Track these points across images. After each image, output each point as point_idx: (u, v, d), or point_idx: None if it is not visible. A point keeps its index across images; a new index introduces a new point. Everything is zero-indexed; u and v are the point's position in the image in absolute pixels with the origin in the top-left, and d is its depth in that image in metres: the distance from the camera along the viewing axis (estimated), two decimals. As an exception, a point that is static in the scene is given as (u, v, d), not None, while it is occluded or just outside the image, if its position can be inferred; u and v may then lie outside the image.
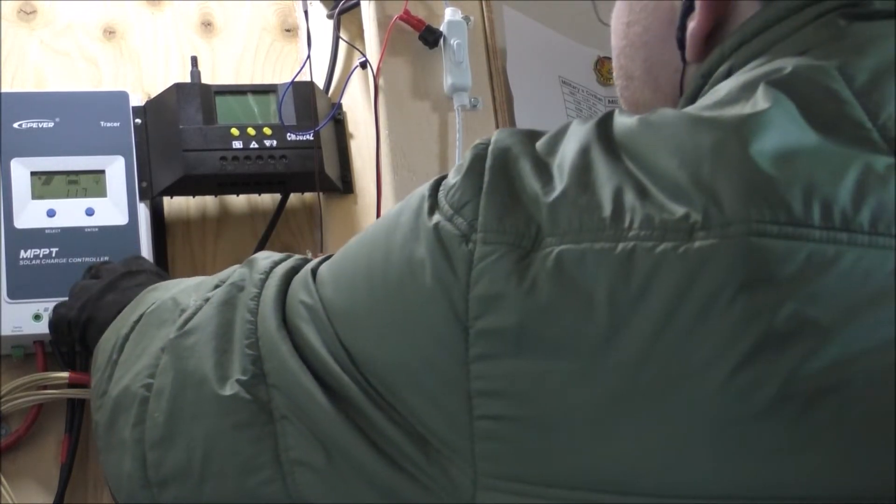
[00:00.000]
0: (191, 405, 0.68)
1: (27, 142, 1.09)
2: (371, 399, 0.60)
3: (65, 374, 1.04)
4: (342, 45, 1.20)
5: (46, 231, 1.07)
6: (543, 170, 0.57)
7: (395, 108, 1.10)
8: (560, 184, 0.55)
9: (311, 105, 1.16)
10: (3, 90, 1.14)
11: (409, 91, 1.11)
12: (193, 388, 0.68)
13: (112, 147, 1.11)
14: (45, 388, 1.04)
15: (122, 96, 1.14)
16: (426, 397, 0.58)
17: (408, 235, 0.59)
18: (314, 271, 0.67)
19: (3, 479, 1.02)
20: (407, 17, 1.10)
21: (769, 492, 0.52)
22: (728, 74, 0.63)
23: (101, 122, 1.12)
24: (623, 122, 0.58)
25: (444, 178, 0.61)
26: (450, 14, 1.12)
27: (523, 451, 0.55)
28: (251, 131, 1.13)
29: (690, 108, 0.59)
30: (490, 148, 0.58)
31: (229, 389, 0.66)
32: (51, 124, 1.11)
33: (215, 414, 0.66)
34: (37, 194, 1.08)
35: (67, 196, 1.09)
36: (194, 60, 1.21)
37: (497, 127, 1.13)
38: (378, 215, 1.08)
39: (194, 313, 0.72)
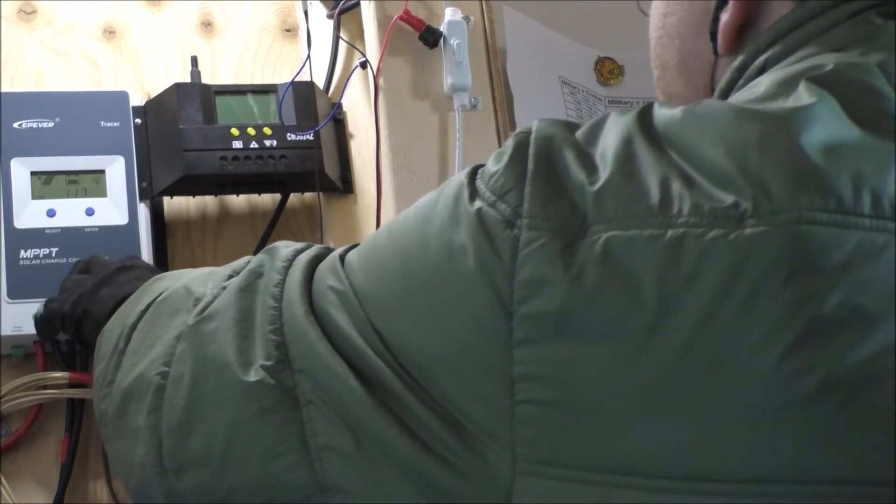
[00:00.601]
0: (212, 391, 0.68)
1: (27, 142, 1.09)
2: (405, 383, 0.60)
3: (65, 374, 1.04)
4: (342, 45, 1.20)
5: (46, 231, 1.07)
6: (586, 159, 0.57)
7: (395, 108, 1.10)
8: (605, 173, 0.56)
9: (311, 105, 1.16)
10: (3, 90, 1.14)
11: (409, 91, 1.11)
12: (215, 374, 0.67)
13: (112, 147, 1.11)
14: (45, 388, 1.04)
15: (122, 96, 1.14)
16: (465, 382, 0.58)
17: (446, 222, 0.59)
18: (342, 258, 0.67)
19: (3, 479, 1.02)
20: (407, 17, 1.10)
21: (811, 476, 0.53)
22: (762, 70, 0.65)
23: (101, 122, 1.12)
24: (665, 113, 0.59)
25: (479, 166, 0.61)
26: (450, 14, 1.12)
27: (565, 435, 0.55)
28: (251, 131, 1.13)
29: (733, 101, 0.60)
30: (532, 136, 0.59)
31: (253, 375, 0.65)
32: (51, 124, 1.11)
33: (238, 400, 0.66)
34: (37, 194, 1.08)
35: (67, 196, 1.09)
36: (194, 60, 1.21)
37: (497, 127, 1.13)
38: (378, 215, 1.08)
39: (212, 300, 0.71)
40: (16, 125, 1.10)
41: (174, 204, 1.18)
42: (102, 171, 1.10)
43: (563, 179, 0.57)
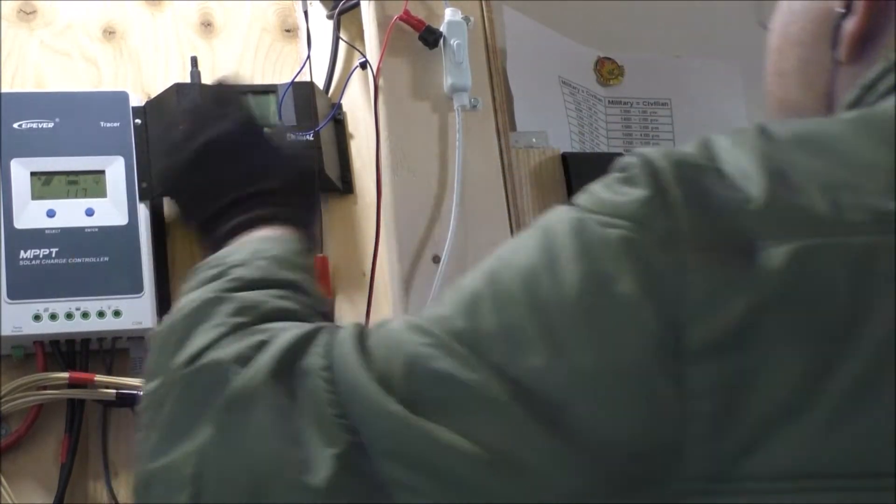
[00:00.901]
0: (274, 500, 0.61)
1: (27, 142, 1.09)
2: (532, 414, 0.58)
3: (65, 375, 1.04)
4: (342, 46, 1.20)
5: (46, 231, 1.07)
6: (727, 180, 0.58)
7: (395, 108, 1.10)
8: (758, 190, 0.57)
9: (311, 105, 1.16)
10: (3, 90, 1.14)
11: (409, 91, 1.11)
12: (272, 481, 0.62)
13: (112, 147, 1.11)
14: (45, 388, 1.04)
15: (122, 96, 1.15)
16: (616, 407, 0.57)
17: (578, 253, 0.59)
18: (413, 319, 0.63)
19: (3, 479, 1.02)
20: (407, 18, 1.10)
21: None
22: (893, 87, 0.66)
23: (101, 123, 1.12)
24: (808, 123, 0.61)
25: (574, 201, 0.61)
26: (450, 14, 1.12)
27: (748, 447, 0.55)
28: (251, 131, 1.13)
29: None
30: (662, 163, 0.59)
31: (324, 471, 0.60)
32: (51, 124, 1.11)
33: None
34: (37, 194, 1.08)
35: (67, 196, 1.09)
36: (194, 60, 1.21)
37: (497, 127, 1.13)
38: (378, 215, 1.08)
39: (242, 390, 0.65)
40: (16, 125, 1.10)
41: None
42: (102, 172, 1.11)
43: (712, 201, 0.57)
